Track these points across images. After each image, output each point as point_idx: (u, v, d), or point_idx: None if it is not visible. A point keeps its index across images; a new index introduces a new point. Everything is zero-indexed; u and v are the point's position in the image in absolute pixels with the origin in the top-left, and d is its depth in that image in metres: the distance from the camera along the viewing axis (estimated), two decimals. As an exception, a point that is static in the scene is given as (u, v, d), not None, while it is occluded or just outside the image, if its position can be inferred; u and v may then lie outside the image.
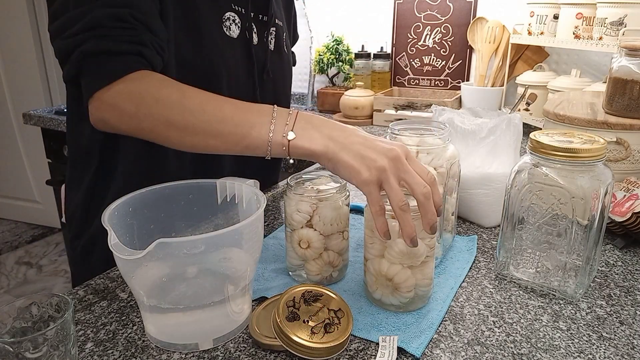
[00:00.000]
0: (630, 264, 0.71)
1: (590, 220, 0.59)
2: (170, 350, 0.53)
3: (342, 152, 0.56)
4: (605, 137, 0.67)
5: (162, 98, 0.61)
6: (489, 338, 0.54)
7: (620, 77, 0.89)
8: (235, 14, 0.77)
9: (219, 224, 0.65)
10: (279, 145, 0.58)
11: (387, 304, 0.59)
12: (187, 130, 0.60)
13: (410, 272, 0.57)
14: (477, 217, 0.83)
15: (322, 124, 0.59)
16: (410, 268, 0.57)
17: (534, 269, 0.64)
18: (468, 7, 1.69)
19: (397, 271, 0.56)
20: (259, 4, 0.82)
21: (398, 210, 0.53)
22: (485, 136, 0.81)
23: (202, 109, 0.60)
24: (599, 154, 0.58)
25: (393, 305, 0.59)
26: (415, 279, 0.57)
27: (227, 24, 0.76)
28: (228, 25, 0.76)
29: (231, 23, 0.76)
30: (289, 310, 0.54)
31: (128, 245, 0.48)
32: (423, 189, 0.53)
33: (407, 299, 0.58)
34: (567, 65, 1.56)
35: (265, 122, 0.58)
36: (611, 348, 0.53)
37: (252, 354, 0.53)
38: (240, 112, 0.60)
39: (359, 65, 1.87)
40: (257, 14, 0.82)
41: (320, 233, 0.63)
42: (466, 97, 1.64)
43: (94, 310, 0.60)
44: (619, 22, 1.15)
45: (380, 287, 0.59)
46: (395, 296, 0.58)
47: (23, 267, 2.55)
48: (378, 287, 0.59)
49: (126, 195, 0.57)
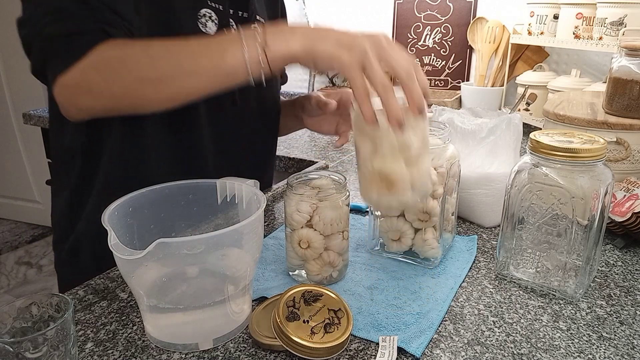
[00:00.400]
0: (630, 264, 0.71)
1: (590, 220, 0.59)
2: (170, 350, 0.53)
3: (319, 43, 0.54)
4: (605, 137, 0.67)
5: (127, 56, 0.59)
6: (489, 338, 0.54)
7: (620, 77, 0.89)
8: (211, 10, 0.73)
9: (219, 224, 0.65)
10: (257, 61, 0.56)
11: (386, 206, 0.56)
12: (161, 81, 0.58)
13: (406, 168, 0.53)
14: (477, 217, 0.83)
15: (292, 28, 0.58)
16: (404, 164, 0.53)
17: (534, 269, 0.64)
18: (468, 7, 1.69)
19: (391, 167, 0.53)
20: (238, 1, 0.78)
21: (381, 91, 0.51)
22: (485, 136, 0.81)
23: (169, 52, 0.58)
24: (599, 154, 0.58)
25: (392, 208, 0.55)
26: (411, 175, 0.53)
27: (202, 21, 0.72)
28: (204, 22, 0.72)
29: (207, 20, 0.73)
30: (289, 310, 0.54)
31: (128, 245, 0.48)
32: (406, 68, 0.52)
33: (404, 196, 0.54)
34: (567, 65, 1.56)
35: (236, 44, 0.57)
36: (611, 348, 0.53)
37: (252, 354, 0.53)
38: (208, 43, 0.59)
39: (359, 65, 1.87)
40: (236, 10, 0.78)
41: (320, 233, 0.63)
42: (466, 97, 1.64)
43: (94, 310, 0.60)
44: (619, 22, 1.15)
45: (375, 187, 0.55)
46: (392, 195, 0.54)
47: (23, 267, 2.56)
48: (374, 188, 0.55)
49: (126, 195, 0.57)
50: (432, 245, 0.68)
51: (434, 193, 0.66)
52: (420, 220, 0.68)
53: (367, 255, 0.73)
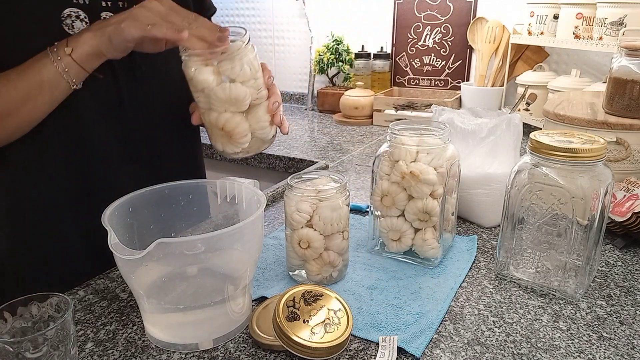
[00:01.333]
0: (630, 264, 0.71)
1: (590, 220, 0.59)
2: (170, 350, 0.53)
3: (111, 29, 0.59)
4: (605, 137, 0.67)
5: None
6: (489, 338, 0.54)
7: (620, 77, 0.89)
8: (77, 8, 0.66)
9: (219, 224, 0.65)
10: (70, 65, 0.60)
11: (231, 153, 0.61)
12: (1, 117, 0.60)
13: (241, 118, 0.58)
14: (477, 217, 0.83)
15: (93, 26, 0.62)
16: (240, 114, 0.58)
17: (534, 269, 0.64)
18: (468, 7, 1.69)
19: (226, 119, 0.58)
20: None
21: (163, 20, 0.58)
22: (485, 136, 0.81)
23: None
24: (599, 154, 0.58)
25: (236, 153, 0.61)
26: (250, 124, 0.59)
27: (68, 22, 0.64)
28: (70, 23, 0.65)
29: (74, 20, 0.65)
30: (289, 310, 0.53)
31: (128, 245, 0.48)
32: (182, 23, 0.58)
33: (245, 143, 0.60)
34: (567, 65, 1.56)
35: (46, 58, 0.60)
36: (611, 348, 0.53)
37: (252, 354, 0.53)
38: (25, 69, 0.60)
39: (359, 65, 1.87)
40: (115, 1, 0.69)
41: (320, 233, 0.63)
42: (466, 97, 1.64)
43: (94, 310, 0.60)
44: (619, 22, 1.15)
45: (219, 138, 0.60)
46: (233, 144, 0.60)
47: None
48: (217, 138, 0.60)
49: (126, 195, 0.57)
50: (432, 245, 0.68)
51: (434, 193, 0.66)
52: (420, 220, 0.68)
53: (367, 255, 0.73)
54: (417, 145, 0.68)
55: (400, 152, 0.67)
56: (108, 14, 0.68)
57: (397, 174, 0.67)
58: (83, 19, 0.66)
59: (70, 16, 0.65)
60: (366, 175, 1.13)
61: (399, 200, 0.68)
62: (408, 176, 0.66)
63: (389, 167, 0.69)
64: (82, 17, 0.66)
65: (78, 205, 0.70)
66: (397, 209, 0.69)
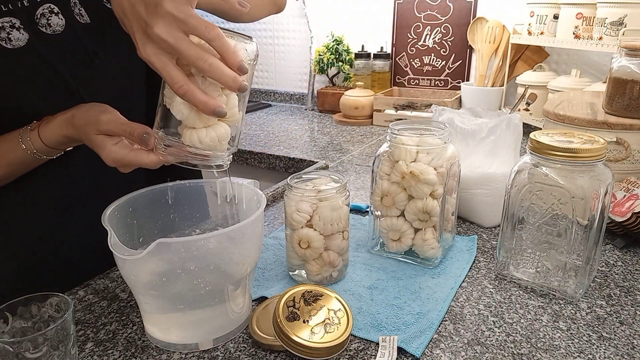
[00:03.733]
0: (630, 264, 0.71)
1: (590, 220, 0.59)
2: (170, 350, 0.53)
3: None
4: (605, 137, 0.67)
5: None
6: (489, 338, 0.54)
7: (620, 77, 0.89)
8: (10, 16, 0.57)
9: (219, 224, 0.65)
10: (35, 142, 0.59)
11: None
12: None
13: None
14: (477, 217, 0.83)
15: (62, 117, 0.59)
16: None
17: (534, 269, 0.64)
18: (468, 7, 1.69)
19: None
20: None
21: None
22: (485, 136, 0.81)
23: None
24: (599, 154, 0.58)
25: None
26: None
27: (2, 36, 0.57)
28: (5, 36, 0.57)
29: (10, 30, 0.58)
30: (289, 310, 0.54)
31: (128, 245, 0.48)
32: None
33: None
34: (567, 65, 1.56)
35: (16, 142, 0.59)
36: (611, 348, 0.53)
37: (252, 354, 0.53)
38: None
39: (359, 65, 1.87)
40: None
41: (320, 233, 0.63)
42: (466, 97, 1.64)
43: (94, 310, 0.60)
44: (619, 22, 1.15)
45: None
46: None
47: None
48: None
49: (126, 195, 0.57)
50: (432, 245, 0.68)
51: (434, 193, 0.66)
52: (420, 220, 0.68)
53: (367, 255, 0.73)
54: (417, 145, 0.68)
55: (400, 152, 0.67)
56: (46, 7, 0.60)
57: (397, 174, 0.67)
58: (19, 27, 0.58)
59: (4, 28, 0.58)
60: (366, 175, 1.13)
61: (399, 200, 0.68)
62: (408, 176, 0.66)
63: (389, 167, 0.69)
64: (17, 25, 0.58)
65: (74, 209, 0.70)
66: (397, 209, 0.69)
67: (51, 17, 0.61)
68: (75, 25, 0.63)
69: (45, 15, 0.60)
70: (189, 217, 0.65)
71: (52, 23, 0.61)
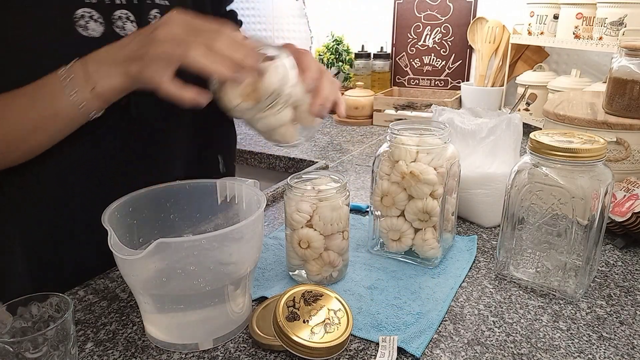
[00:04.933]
0: (630, 264, 0.71)
1: (590, 220, 0.59)
2: (170, 350, 0.53)
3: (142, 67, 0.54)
4: (605, 137, 0.67)
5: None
6: (489, 338, 0.54)
7: (620, 77, 0.89)
8: (90, 8, 0.63)
9: (219, 224, 0.65)
10: (89, 100, 0.56)
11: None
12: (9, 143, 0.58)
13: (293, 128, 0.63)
14: (477, 217, 0.83)
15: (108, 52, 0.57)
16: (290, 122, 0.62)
17: (534, 269, 0.64)
18: (468, 7, 1.69)
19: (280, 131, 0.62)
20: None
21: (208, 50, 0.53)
22: (485, 136, 0.81)
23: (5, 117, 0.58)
24: (599, 154, 0.58)
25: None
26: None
27: (81, 24, 0.62)
28: (83, 24, 0.62)
29: (88, 21, 0.63)
30: (289, 310, 0.54)
31: (128, 245, 0.48)
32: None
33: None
34: (567, 65, 1.56)
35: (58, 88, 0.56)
36: (611, 348, 0.53)
37: (252, 354, 0.53)
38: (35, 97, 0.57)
39: (359, 65, 1.87)
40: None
41: (320, 233, 0.63)
42: (466, 97, 1.64)
43: (94, 310, 0.60)
44: (619, 22, 1.15)
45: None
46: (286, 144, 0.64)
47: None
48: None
49: (126, 195, 0.57)
50: (432, 245, 0.68)
51: (434, 193, 0.66)
52: (420, 220, 0.68)
53: (367, 255, 0.73)
54: (417, 145, 0.68)
55: (400, 152, 0.67)
56: (123, 12, 0.66)
57: (397, 174, 0.67)
58: (97, 19, 0.64)
59: (83, 17, 0.63)
60: (366, 175, 1.13)
61: (399, 200, 0.68)
62: (408, 176, 0.66)
63: (389, 167, 0.69)
64: (95, 17, 0.64)
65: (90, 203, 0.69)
66: (397, 209, 0.69)
67: (127, 22, 0.66)
68: None
69: (122, 19, 0.66)
70: (189, 217, 0.65)
71: (126, 28, 0.66)
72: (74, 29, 0.61)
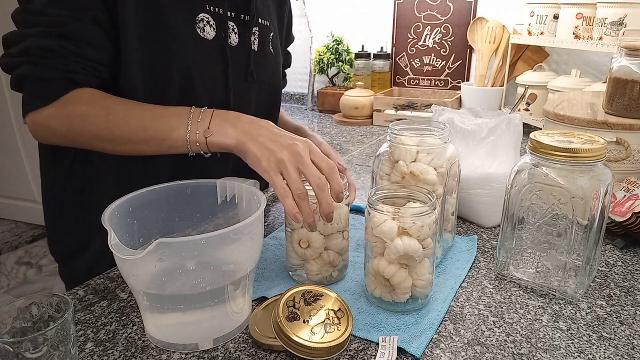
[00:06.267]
0: (630, 264, 0.71)
1: (590, 220, 0.59)
2: (170, 350, 0.53)
3: (250, 143, 0.62)
4: (605, 137, 0.67)
5: (89, 116, 0.66)
6: (489, 338, 0.54)
7: (620, 77, 0.89)
8: (209, 15, 0.74)
9: (219, 224, 0.65)
10: (197, 142, 0.65)
11: (386, 303, 0.59)
12: (115, 142, 0.67)
13: (407, 273, 0.57)
14: (477, 217, 0.83)
15: (236, 119, 0.65)
16: (406, 268, 0.57)
17: (534, 269, 0.64)
18: (468, 7, 1.69)
19: (394, 271, 0.57)
20: (239, 3, 0.79)
21: (296, 198, 0.57)
22: (485, 136, 0.81)
23: (125, 122, 0.66)
24: (599, 154, 0.58)
25: (391, 305, 0.59)
26: (412, 278, 0.57)
27: (200, 26, 0.73)
28: (202, 26, 0.73)
29: (205, 24, 0.74)
30: (289, 310, 0.54)
31: (128, 245, 0.48)
32: (317, 180, 0.58)
33: (404, 299, 0.58)
34: (567, 65, 1.56)
35: (183, 125, 0.65)
36: (611, 348, 0.53)
37: (252, 354, 0.53)
38: (159, 118, 0.66)
39: (359, 65, 1.87)
40: (238, 13, 0.79)
41: (320, 233, 0.63)
42: (466, 97, 1.64)
43: (94, 310, 0.60)
44: (619, 22, 1.15)
45: (379, 286, 0.59)
46: (393, 296, 0.58)
47: (23, 267, 2.55)
48: (377, 287, 0.59)
49: (126, 195, 0.57)
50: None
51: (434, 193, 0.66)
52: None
53: (367, 255, 0.73)
54: (417, 145, 0.68)
55: (400, 152, 0.67)
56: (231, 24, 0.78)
57: (397, 174, 0.67)
58: (212, 25, 0.75)
59: (202, 20, 0.73)
60: (366, 175, 1.13)
61: (399, 200, 0.68)
62: (408, 176, 0.66)
63: (389, 167, 0.69)
64: (211, 22, 0.75)
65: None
66: (397, 209, 0.69)
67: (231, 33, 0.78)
68: (247, 47, 0.82)
69: (234, 30, 0.79)
70: (189, 217, 0.65)
71: (231, 37, 0.79)
72: (194, 30, 0.73)
